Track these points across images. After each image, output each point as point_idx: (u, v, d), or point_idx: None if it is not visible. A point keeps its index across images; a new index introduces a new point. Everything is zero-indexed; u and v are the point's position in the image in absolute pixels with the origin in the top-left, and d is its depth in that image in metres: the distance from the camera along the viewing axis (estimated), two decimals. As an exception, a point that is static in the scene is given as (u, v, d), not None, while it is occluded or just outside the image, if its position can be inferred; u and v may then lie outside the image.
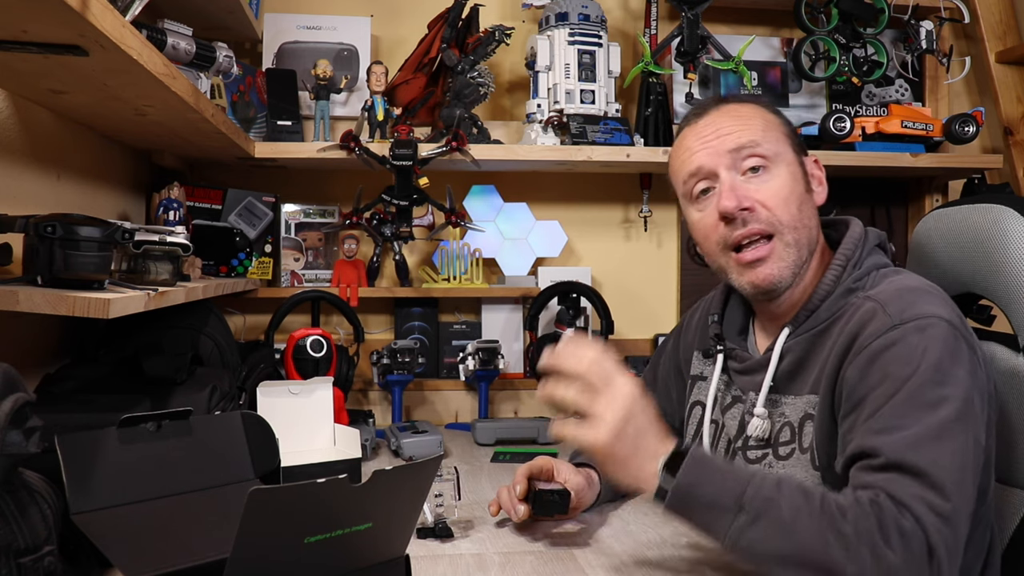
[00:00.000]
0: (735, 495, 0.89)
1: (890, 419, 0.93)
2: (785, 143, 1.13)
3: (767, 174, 1.09)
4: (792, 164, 1.12)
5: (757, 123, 1.12)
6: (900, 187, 2.24)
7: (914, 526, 0.86)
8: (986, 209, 1.22)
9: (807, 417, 1.07)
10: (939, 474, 0.88)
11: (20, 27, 0.88)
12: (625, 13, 2.18)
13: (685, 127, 1.17)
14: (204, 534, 0.97)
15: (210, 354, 1.56)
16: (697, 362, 1.32)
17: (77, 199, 1.45)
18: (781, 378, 1.11)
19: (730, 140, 1.10)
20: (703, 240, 1.16)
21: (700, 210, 1.14)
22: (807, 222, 1.11)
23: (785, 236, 1.08)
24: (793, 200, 1.09)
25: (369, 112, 1.89)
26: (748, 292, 1.14)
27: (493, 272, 2.10)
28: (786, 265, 1.09)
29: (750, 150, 1.09)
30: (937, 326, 0.97)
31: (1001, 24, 2.16)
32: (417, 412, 2.05)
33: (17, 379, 0.80)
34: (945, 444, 0.91)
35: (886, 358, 0.97)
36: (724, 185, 1.09)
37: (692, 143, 1.14)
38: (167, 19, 1.38)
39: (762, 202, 1.08)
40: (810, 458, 1.05)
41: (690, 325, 1.38)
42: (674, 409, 1.37)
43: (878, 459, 0.91)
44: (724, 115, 1.13)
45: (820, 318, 1.09)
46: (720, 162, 1.10)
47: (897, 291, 1.02)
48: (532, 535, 1.17)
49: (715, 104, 1.16)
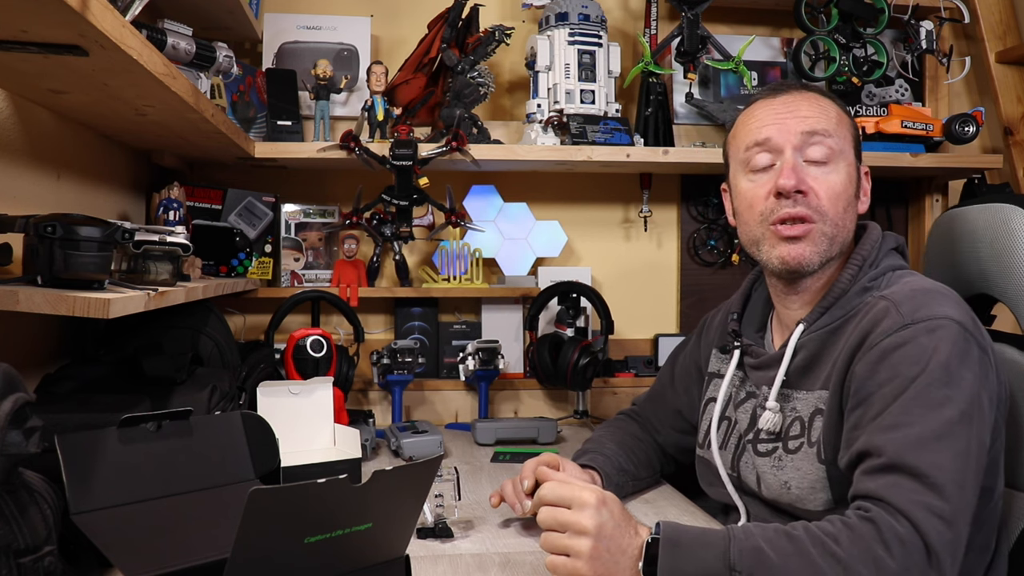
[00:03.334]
0: (722, 559, 0.89)
1: (895, 417, 0.94)
2: (850, 144, 1.15)
3: (829, 167, 1.11)
4: (851, 166, 1.14)
5: (832, 115, 1.14)
6: (900, 187, 2.24)
7: (911, 532, 0.87)
8: (996, 209, 1.22)
9: (817, 412, 1.08)
10: (939, 476, 0.89)
11: (20, 27, 0.88)
12: (625, 13, 2.18)
13: (759, 100, 1.18)
14: (204, 534, 0.97)
15: (210, 354, 1.56)
16: (715, 360, 1.33)
17: (77, 199, 1.45)
18: (794, 373, 1.13)
19: (806, 123, 1.12)
20: (746, 208, 1.16)
21: (753, 180, 1.15)
22: (848, 223, 1.13)
23: (826, 226, 1.10)
24: (843, 199, 1.11)
25: (369, 112, 1.89)
26: (775, 267, 1.14)
27: (493, 272, 2.10)
28: (817, 251, 1.10)
29: (821, 138, 1.11)
30: (948, 327, 0.98)
31: (1001, 24, 2.16)
32: (417, 412, 2.04)
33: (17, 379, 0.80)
34: (947, 445, 0.91)
35: (895, 357, 0.98)
36: (787, 163, 1.10)
37: (765, 115, 1.15)
38: (167, 19, 1.38)
39: (817, 191, 1.10)
40: (816, 451, 1.06)
41: (712, 324, 1.40)
42: (691, 406, 1.39)
43: (880, 459, 0.92)
44: (804, 99, 1.15)
45: (835, 315, 1.10)
46: (789, 140, 1.11)
47: (911, 291, 1.04)
48: (533, 535, 1.17)
49: (797, 87, 1.18)
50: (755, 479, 1.15)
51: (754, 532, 0.91)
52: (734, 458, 1.21)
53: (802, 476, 1.08)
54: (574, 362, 1.83)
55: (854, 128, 1.17)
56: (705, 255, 2.17)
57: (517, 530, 1.19)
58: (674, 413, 1.42)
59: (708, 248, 2.17)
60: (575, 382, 1.86)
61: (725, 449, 1.23)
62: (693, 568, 0.89)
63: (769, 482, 1.12)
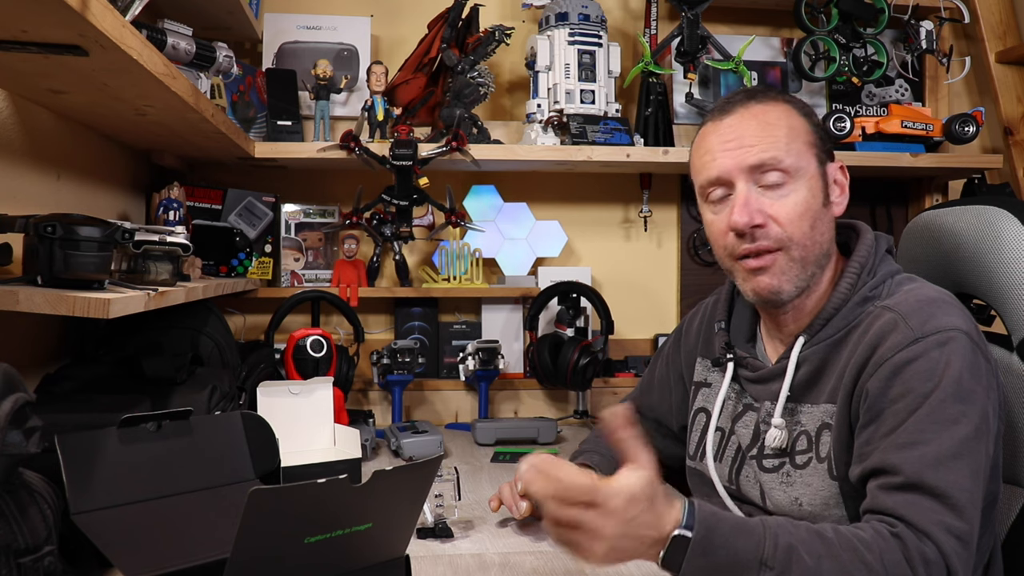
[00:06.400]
0: (755, 551, 0.85)
1: (910, 435, 0.93)
2: (808, 154, 1.09)
3: (785, 188, 1.07)
4: (813, 178, 1.09)
5: (782, 133, 1.08)
6: (900, 187, 2.24)
7: (936, 554, 0.87)
8: (980, 211, 1.22)
9: (824, 426, 1.07)
10: (958, 496, 0.90)
11: (20, 27, 0.88)
12: (625, 13, 2.18)
13: (709, 123, 1.14)
14: (204, 534, 0.97)
15: (210, 354, 1.56)
16: (701, 368, 1.30)
17: (77, 199, 1.45)
18: (798, 387, 1.10)
19: (752, 154, 1.07)
20: (713, 242, 1.15)
21: (715, 213, 1.12)
22: (819, 238, 1.09)
23: (792, 252, 1.07)
24: (807, 217, 1.07)
25: (369, 112, 1.89)
26: (751, 298, 1.13)
27: (493, 272, 2.10)
28: (788, 279, 1.07)
29: (771, 166, 1.06)
30: (958, 339, 0.97)
31: (1001, 24, 2.16)
32: (417, 412, 2.04)
33: (17, 379, 0.80)
34: (964, 463, 0.92)
35: (907, 372, 0.97)
36: (739, 198, 1.07)
37: (713, 146, 1.10)
38: (167, 19, 1.38)
39: (775, 217, 1.06)
40: (827, 467, 1.05)
41: (690, 330, 1.36)
42: (673, 412, 1.37)
43: (897, 477, 0.92)
44: (750, 119, 1.09)
45: (836, 327, 1.08)
46: (738, 174, 1.07)
47: (916, 302, 1.02)
48: (532, 536, 1.17)
49: (742, 102, 1.12)
50: (759, 493, 1.13)
51: (789, 529, 0.89)
52: (732, 471, 1.18)
53: (814, 492, 1.06)
54: (574, 362, 1.83)
55: (813, 130, 1.10)
56: (705, 255, 2.17)
57: (517, 530, 1.19)
58: (653, 421, 1.40)
59: (708, 248, 2.15)
60: (575, 382, 1.86)
61: (720, 462, 1.20)
62: (724, 556, 0.85)
63: (777, 498, 1.10)
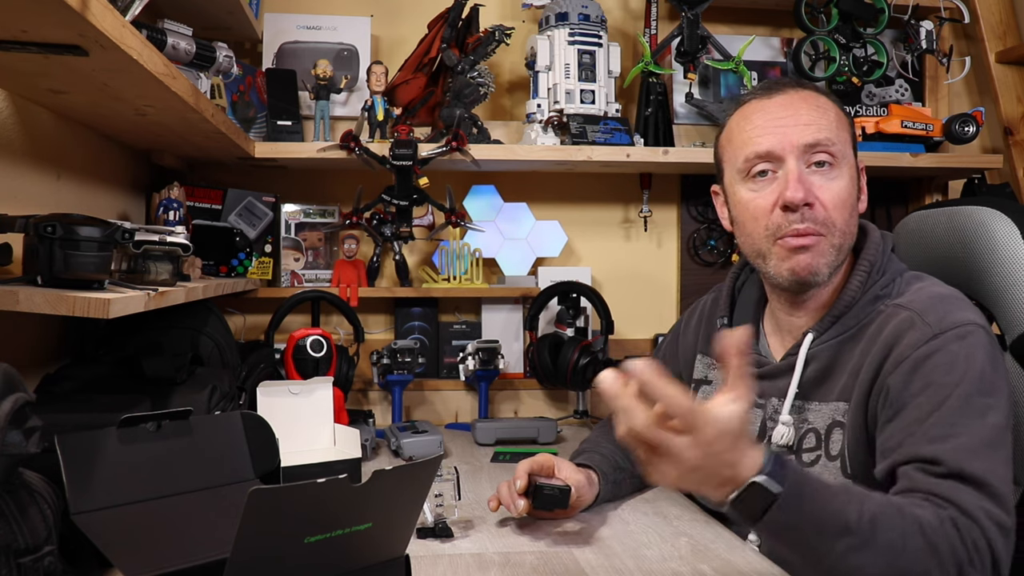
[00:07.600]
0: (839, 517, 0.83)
1: (942, 428, 0.93)
2: (850, 145, 1.11)
3: (833, 172, 1.07)
4: (852, 168, 1.11)
5: (832, 118, 1.09)
6: (900, 187, 2.24)
7: (984, 542, 0.87)
8: (972, 212, 1.22)
9: (835, 424, 1.06)
10: (998, 484, 0.90)
11: (20, 27, 0.88)
12: (625, 13, 2.18)
13: (753, 101, 1.13)
14: (204, 534, 0.97)
15: (210, 354, 1.56)
16: (701, 366, 1.30)
17: (77, 199, 1.45)
18: (806, 384, 1.10)
19: (807, 133, 1.07)
20: (749, 220, 1.11)
21: (754, 190, 1.10)
22: (851, 229, 1.10)
23: (833, 238, 1.07)
24: (848, 206, 1.08)
25: (369, 112, 1.89)
26: (784, 279, 1.10)
27: (493, 272, 2.10)
28: (826, 262, 1.08)
29: (824, 148, 1.07)
30: (976, 333, 0.98)
31: (1001, 24, 2.16)
32: (417, 412, 2.04)
33: (17, 379, 0.80)
34: (999, 452, 0.92)
35: (928, 366, 0.97)
36: (792, 174, 1.06)
37: (763, 121, 1.09)
38: (167, 19, 1.38)
39: (823, 201, 1.06)
40: (840, 465, 1.05)
41: (687, 328, 1.36)
42: None
43: (939, 467, 0.91)
44: (802, 101, 1.10)
45: (847, 325, 1.08)
46: (791, 150, 1.07)
47: (929, 299, 1.03)
48: (532, 535, 1.17)
49: (791, 84, 1.12)
50: None
51: (876, 499, 0.86)
52: None
53: None
54: (574, 362, 1.83)
55: (851, 125, 1.14)
56: (705, 255, 2.17)
57: (516, 530, 1.19)
58: None
59: (708, 248, 2.17)
60: (575, 382, 1.86)
61: None
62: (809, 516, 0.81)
63: None
